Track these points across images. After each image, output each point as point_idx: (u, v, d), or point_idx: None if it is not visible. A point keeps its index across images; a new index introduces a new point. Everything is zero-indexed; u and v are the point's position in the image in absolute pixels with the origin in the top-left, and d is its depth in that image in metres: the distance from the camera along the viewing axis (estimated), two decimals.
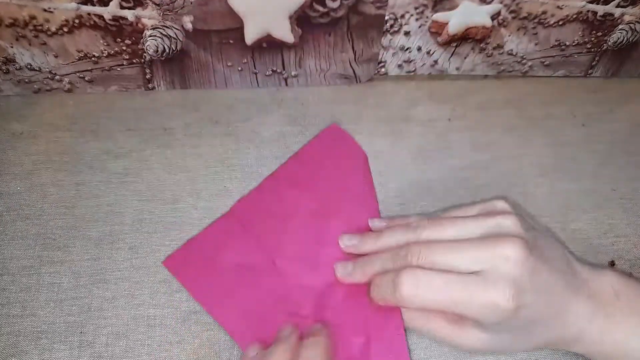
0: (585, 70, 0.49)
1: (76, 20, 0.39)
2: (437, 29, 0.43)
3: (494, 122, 0.45)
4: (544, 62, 0.48)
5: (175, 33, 0.41)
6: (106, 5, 0.38)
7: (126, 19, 0.39)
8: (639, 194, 0.41)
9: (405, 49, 0.45)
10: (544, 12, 0.43)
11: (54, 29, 0.39)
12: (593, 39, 0.46)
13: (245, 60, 0.44)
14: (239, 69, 0.44)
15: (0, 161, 0.40)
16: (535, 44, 0.46)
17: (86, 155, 0.41)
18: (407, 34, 0.44)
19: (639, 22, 0.45)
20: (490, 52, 0.46)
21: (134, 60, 0.43)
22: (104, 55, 0.42)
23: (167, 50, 0.42)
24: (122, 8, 0.39)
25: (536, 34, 0.45)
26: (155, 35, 0.40)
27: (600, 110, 0.47)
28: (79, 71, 0.43)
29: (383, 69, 0.47)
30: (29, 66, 0.42)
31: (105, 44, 0.41)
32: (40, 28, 0.39)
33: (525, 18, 0.43)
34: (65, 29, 0.39)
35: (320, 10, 0.41)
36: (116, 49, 0.41)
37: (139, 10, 0.39)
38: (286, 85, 0.47)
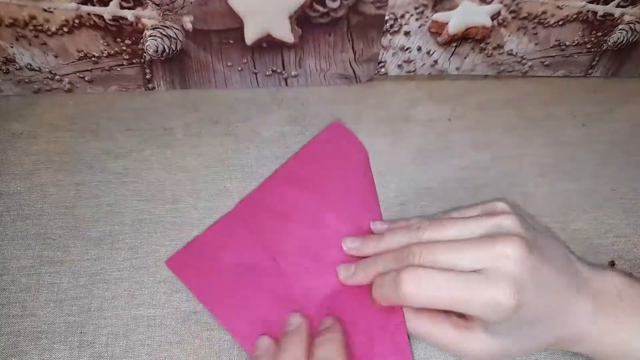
0: (585, 70, 0.49)
1: (76, 20, 0.39)
2: (437, 29, 0.43)
3: (494, 122, 0.45)
4: (544, 62, 0.48)
5: (175, 33, 0.41)
6: (106, 5, 0.38)
7: (126, 19, 0.39)
8: (639, 194, 0.41)
9: (405, 49, 0.45)
10: (544, 12, 0.43)
11: (54, 29, 0.39)
12: (593, 39, 0.46)
13: (245, 60, 0.44)
14: (239, 69, 0.44)
15: (0, 161, 0.40)
16: (535, 44, 0.46)
17: (86, 155, 0.41)
18: (407, 34, 0.44)
19: (639, 22, 0.45)
20: (490, 52, 0.46)
21: (134, 60, 0.43)
22: (104, 55, 0.42)
23: (167, 50, 0.42)
24: (122, 8, 0.39)
25: (536, 34, 0.45)
26: (155, 35, 0.40)
27: (600, 110, 0.47)
28: (79, 71, 0.43)
29: (383, 69, 0.47)
30: (29, 66, 0.42)
31: (105, 44, 0.41)
32: (40, 28, 0.39)
33: (525, 18, 0.43)
34: (65, 29, 0.39)
35: (320, 10, 0.41)
36: (116, 49, 0.41)
37: (139, 10, 0.39)
38: (286, 85, 0.47)
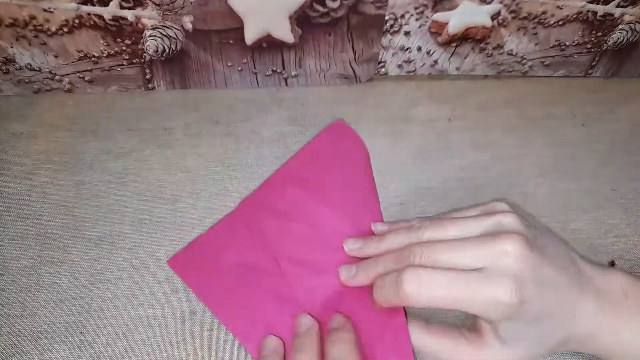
0: (585, 70, 0.49)
1: (76, 20, 0.39)
2: (437, 29, 0.43)
3: (494, 122, 0.45)
4: (544, 62, 0.48)
5: (175, 33, 0.41)
6: (106, 5, 0.38)
7: (126, 19, 0.39)
8: (639, 194, 0.41)
9: (405, 49, 0.45)
10: (544, 12, 0.43)
11: (54, 29, 0.39)
12: (593, 39, 0.46)
13: (245, 60, 0.44)
14: (239, 69, 0.44)
15: (0, 161, 0.40)
16: (535, 44, 0.46)
17: (86, 155, 0.41)
18: (407, 34, 0.44)
19: (639, 22, 0.45)
20: (490, 52, 0.46)
21: (134, 60, 0.43)
22: (104, 55, 0.42)
23: (167, 50, 0.42)
24: (122, 8, 0.39)
25: (536, 34, 0.45)
26: (155, 35, 0.40)
27: (600, 110, 0.47)
28: (79, 71, 0.43)
29: (383, 69, 0.47)
30: (29, 66, 0.42)
31: (105, 44, 0.41)
32: (40, 28, 0.39)
33: (525, 18, 0.43)
34: (65, 29, 0.39)
35: (320, 10, 0.41)
36: (116, 49, 0.41)
37: (139, 10, 0.39)
38: (286, 85, 0.47)
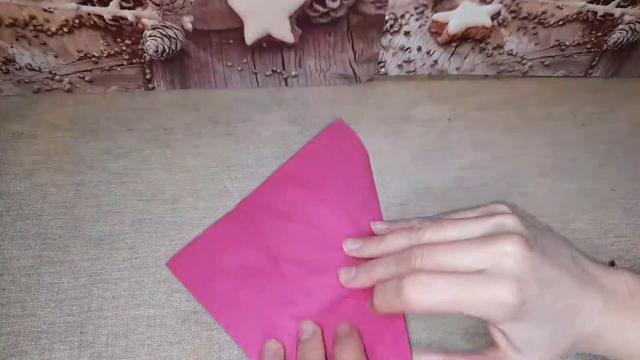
0: (585, 70, 0.49)
1: (76, 20, 0.39)
2: (437, 29, 0.43)
3: (494, 122, 0.45)
4: (544, 62, 0.48)
5: (175, 33, 0.41)
6: (106, 5, 0.38)
7: (126, 19, 0.39)
8: (639, 194, 0.41)
9: (405, 49, 0.45)
10: (544, 12, 0.43)
11: (54, 29, 0.39)
12: (593, 39, 0.46)
13: (245, 60, 0.44)
14: (239, 69, 0.44)
15: (0, 161, 0.40)
16: (535, 44, 0.46)
17: (86, 155, 0.41)
18: (407, 34, 0.44)
19: (639, 22, 0.45)
20: (490, 52, 0.46)
21: (134, 60, 0.43)
22: (104, 55, 0.42)
23: (167, 50, 0.42)
24: (122, 8, 0.39)
25: (536, 34, 0.45)
26: (155, 35, 0.40)
27: (600, 110, 0.47)
28: (79, 71, 0.43)
29: (383, 69, 0.47)
30: (29, 66, 0.42)
31: (105, 44, 0.41)
32: (40, 28, 0.39)
33: (525, 18, 0.43)
34: (65, 29, 0.39)
35: (320, 10, 0.41)
36: (116, 49, 0.41)
37: (139, 10, 0.39)
38: (286, 85, 0.47)
